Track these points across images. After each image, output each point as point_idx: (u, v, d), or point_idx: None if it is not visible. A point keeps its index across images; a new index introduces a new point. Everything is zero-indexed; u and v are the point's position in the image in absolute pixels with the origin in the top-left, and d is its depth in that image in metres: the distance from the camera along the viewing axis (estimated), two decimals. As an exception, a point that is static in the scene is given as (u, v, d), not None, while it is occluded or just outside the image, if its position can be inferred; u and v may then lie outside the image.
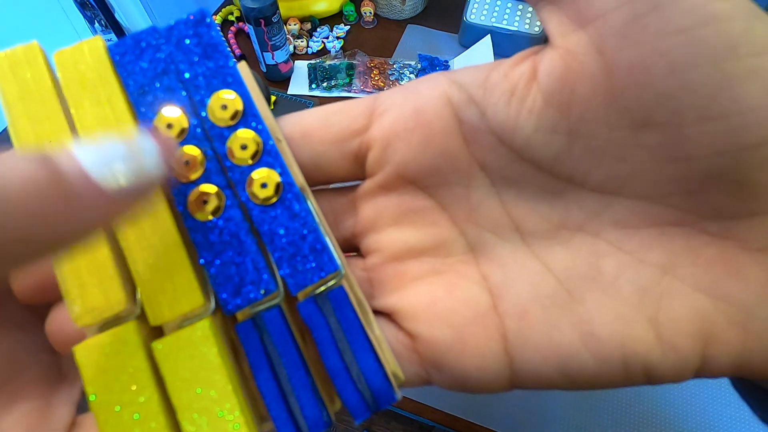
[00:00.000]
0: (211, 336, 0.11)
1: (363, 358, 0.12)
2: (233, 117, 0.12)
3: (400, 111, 0.13)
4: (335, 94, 0.71)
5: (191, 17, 0.13)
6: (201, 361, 0.11)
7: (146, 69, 0.12)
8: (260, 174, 0.12)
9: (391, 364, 0.12)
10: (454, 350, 0.12)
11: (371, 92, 0.70)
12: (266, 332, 0.12)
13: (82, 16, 1.11)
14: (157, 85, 0.12)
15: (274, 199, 0.12)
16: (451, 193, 0.13)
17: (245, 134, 0.12)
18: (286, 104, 0.70)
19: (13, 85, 0.12)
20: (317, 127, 0.13)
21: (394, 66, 0.72)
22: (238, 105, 0.12)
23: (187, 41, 0.12)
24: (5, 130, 0.58)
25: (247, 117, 0.12)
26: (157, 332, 0.12)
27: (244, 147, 0.12)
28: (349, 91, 0.71)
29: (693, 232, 0.11)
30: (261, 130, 0.12)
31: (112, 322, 0.11)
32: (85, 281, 0.11)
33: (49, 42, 0.12)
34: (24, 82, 0.12)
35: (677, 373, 0.11)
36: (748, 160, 0.10)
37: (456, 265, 0.13)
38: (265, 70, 0.72)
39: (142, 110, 0.12)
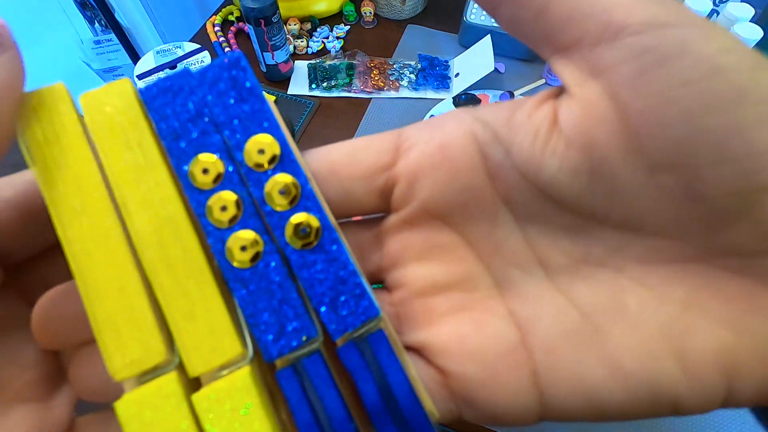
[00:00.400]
0: (252, 387, 0.11)
1: (405, 402, 0.12)
2: (271, 161, 0.12)
3: (426, 147, 0.13)
4: (335, 94, 0.71)
5: (225, 60, 0.12)
6: (242, 414, 0.11)
7: (179, 113, 0.12)
8: (299, 218, 0.12)
9: (427, 403, 0.12)
10: (486, 387, 0.12)
11: (371, 92, 0.70)
12: (307, 378, 0.12)
13: (82, 16, 1.11)
14: (191, 129, 0.12)
15: (314, 244, 0.12)
16: (476, 228, 0.13)
17: (283, 179, 0.12)
18: (286, 104, 0.70)
19: (37, 128, 0.11)
20: (344, 163, 0.13)
21: (394, 66, 0.72)
22: (276, 149, 0.12)
23: (222, 85, 0.12)
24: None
25: (284, 161, 0.12)
26: (195, 382, 0.11)
27: (282, 192, 0.12)
28: (349, 91, 0.71)
29: (713, 268, 0.11)
30: (299, 175, 0.12)
31: (150, 373, 0.11)
32: (123, 332, 0.11)
33: (49, 41, 0.11)
34: (50, 124, 0.11)
35: (704, 406, 0.11)
36: (763, 201, 0.10)
37: (483, 300, 0.13)
38: (265, 70, 0.72)
39: (175, 155, 0.12)
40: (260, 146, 0.12)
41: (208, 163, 0.12)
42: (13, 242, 0.13)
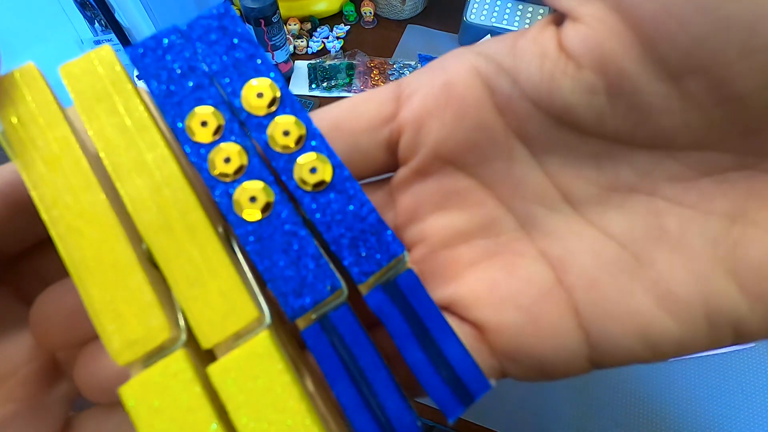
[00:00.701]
0: (273, 351, 0.10)
1: (447, 345, 0.11)
2: (271, 104, 0.11)
3: (428, 90, 0.12)
4: (335, 94, 0.71)
5: (214, 11, 0.12)
6: (266, 381, 0.10)
7: (171, 69, 0.11)
8: (307, 158, 0.11)
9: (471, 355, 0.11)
10: (527, 333, 0.11)
11: (371, 92, 0.70)
12: (337, 334, 0.11)
13: (82, 16, 1.11)
14: (184, 84, 0.11)
15: (326, 184, 0.11)
16: (491, 169, 0.12)
17: (285, 119, 0.11)
18: (286, 104, 0.70)
19: (11, 111, 0.11)
20: (347, 118, 0.13)
21: (394, 66, 0.72)
22: (275, 91, 0.11)
23: (212, 35, 0.11)
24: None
25: (284, 102, 0.11)
26: (209, 356, 0.11)
27: (286, 133, 0.11)
28: (349, 91, 0.71)
29: (756, 174, 0.10)
30: (301, 114, 0.11)
31: (157, 353, 0.10)
32: (121, 311, 0.10)
33: (49, 41, 0.11)
34: (25, 106, 0.11)
35: None
36: None
37: (510, 243, 0.12)
38: (265, 70, 0.72)
39: (170, 112, 0.11)
40: (258, 90, 0.11)
41: (205, 115, 0.11)
42: (3, 233, 0.12)
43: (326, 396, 0.12)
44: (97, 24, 1.13)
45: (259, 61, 0.12)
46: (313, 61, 0.74)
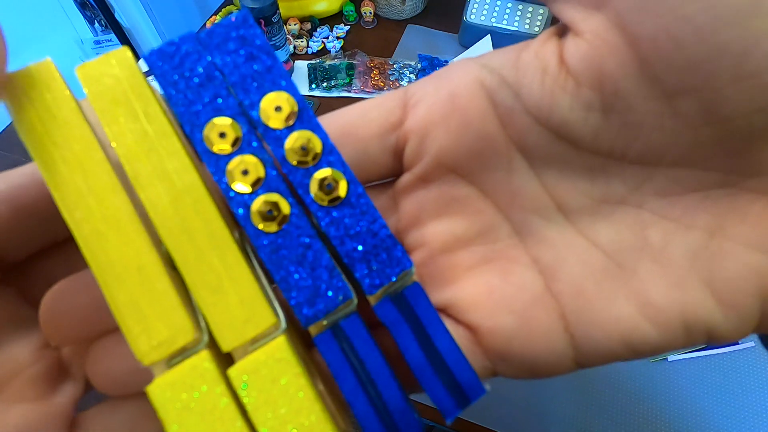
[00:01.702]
0: (290, 355, 0.10)
1: (449, 353, 0.11)
2: (288, 118, 0.11)
3: (434, 99, 0.13)
4: (335, 94, 0.71)
5: (233, 19, 0.12)
6: (283, 383, 0.10)
7: (189, 77, 0.11)
8: (323, 174, 0.11)
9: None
10: (519, 336, 0.12)
11: (371, 92, 0.70)
12: (347, 341, 0.11)
13: (82, 16, 1.11)
14: (203, 93, 0.11)
15: (341, 199, 0.12)
16: (491, 178, 0.13)
17: (303, 135, 0.11)
18: (286, 104, 0.70)
19: (30, 109, 0.10)
20: (357, 124, 0.13)
21: (394, 66, 0.72)
22: (293, 106, 0.12)
23: (231, 44, 0.12)
24: (6, 129, 0.57)
25: (302, 117, 0.12)
26: (226, 359, 0.11)
27: (303, 148, 0.11)
28: (349, 91, 0.71)
29: (737, 191, 0.11)
30: (318, 130, 0.12)
31: (179, 354, 0.10)
32: (146, 313, 0.10)
33: (49, 41, 0.11)
34: (43, 104, 0.10)
35: (739, 332, 0.11)
36: None
37: (505, 250, 0.13)
38: (265, 70, 0.72)
39: (189, 121, 0.11)
40: (276, 104, 0.11)
41: (224, 126, 0.11)
42: (8, 238, 0.12)
43: (332, 391, 0.12)
44: (97, 24, 1.13)
45: (277, 73, 0.12)
46: (313, 61, 0.74)
